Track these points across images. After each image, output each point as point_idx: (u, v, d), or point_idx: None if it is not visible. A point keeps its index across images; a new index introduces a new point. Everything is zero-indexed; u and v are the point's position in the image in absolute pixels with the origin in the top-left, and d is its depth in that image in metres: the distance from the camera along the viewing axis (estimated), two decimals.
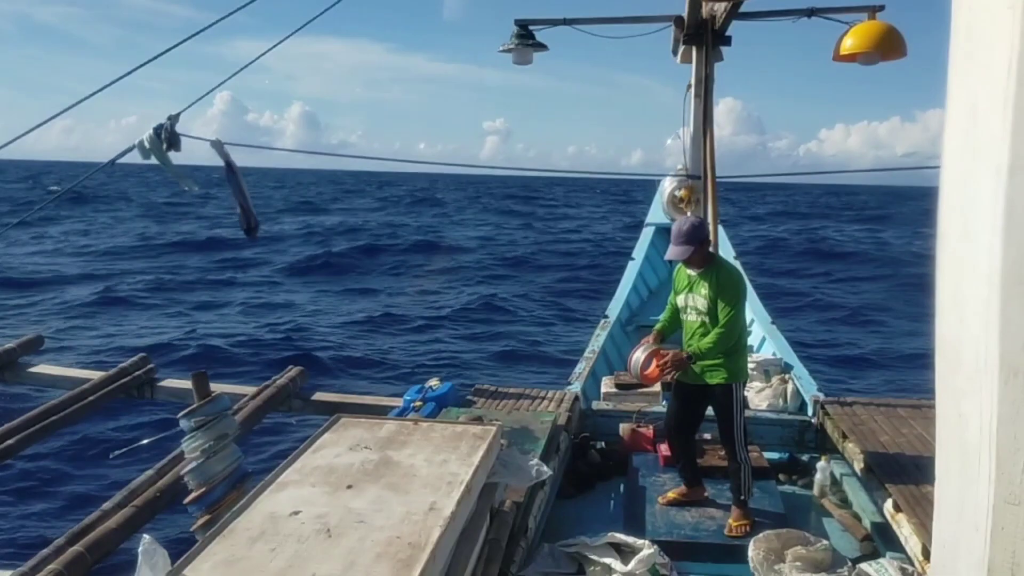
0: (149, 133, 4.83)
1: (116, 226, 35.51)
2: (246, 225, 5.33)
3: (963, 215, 0.90)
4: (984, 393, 0.86)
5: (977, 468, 0.89)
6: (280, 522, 2.84)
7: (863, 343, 14.99)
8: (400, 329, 15.41)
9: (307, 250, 27.55)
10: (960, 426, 0.92)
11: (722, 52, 6.97)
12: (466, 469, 3.25)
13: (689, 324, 4.67)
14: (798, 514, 4.91)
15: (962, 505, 0.93)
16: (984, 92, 0.84)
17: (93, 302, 17.36)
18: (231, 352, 13.00)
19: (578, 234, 36.75)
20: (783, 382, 6.39)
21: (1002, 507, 0.86)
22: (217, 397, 3.94)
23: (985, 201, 0.84)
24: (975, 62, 0.87)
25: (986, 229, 0.84)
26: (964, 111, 0.90)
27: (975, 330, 0.87)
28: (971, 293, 0.88)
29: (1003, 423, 0.84)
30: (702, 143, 7.13)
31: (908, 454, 4.68)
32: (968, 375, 0.90)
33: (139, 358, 6.02)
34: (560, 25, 6.92)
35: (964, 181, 0.90)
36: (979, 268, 0.85)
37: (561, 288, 20.85)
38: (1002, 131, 0.81)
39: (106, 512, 3.89)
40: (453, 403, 5.55)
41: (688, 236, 4.48)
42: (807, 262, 27.31)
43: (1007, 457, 0.85)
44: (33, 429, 4.73)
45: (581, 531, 4.34)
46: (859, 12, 6.10)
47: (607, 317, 8.73)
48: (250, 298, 18.62)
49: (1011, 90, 0.79)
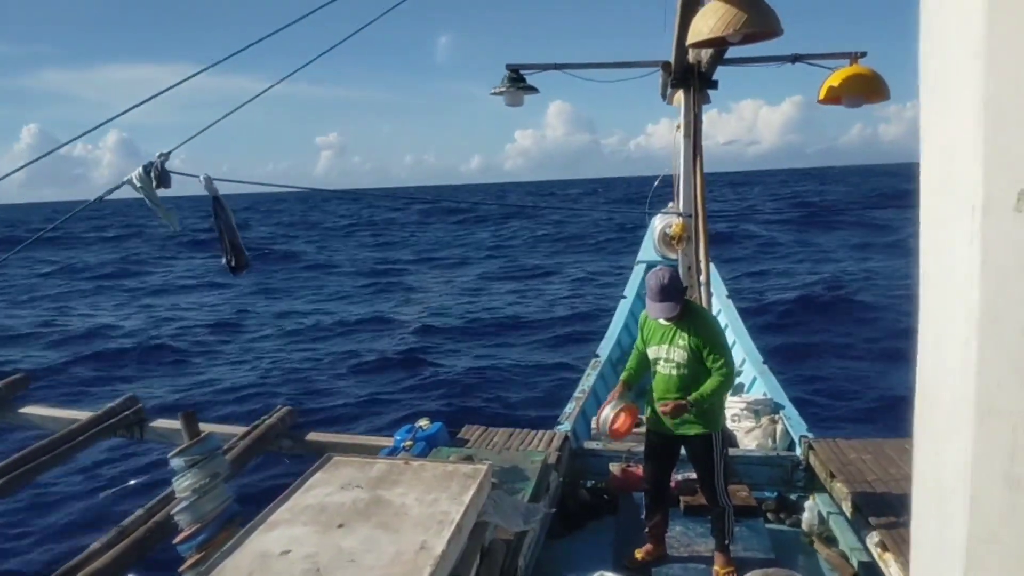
0: (139, 171, 4.83)
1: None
2: (233, 263, 5.28)
3: (941, 255, 0.91)
4: (960, 432, 0.87)
5: (953, 507, 0.90)
6: (270, 561, 2.84)
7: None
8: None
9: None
10: (937, 465, 0.93)
11: (709, 95, 7.11)
12: (457, 508, 3.26)
13: (665, 377, 4.54)
14: (786, 553, 4.91)
15: (940, 544, 0.94)
16: (955, 135, 0.86)
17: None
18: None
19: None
20: (772, 422, 6.43)
21: (978, 546, 0.87)
22: (207, 436, 3.94)
23: (961, 240, 0.85)
24: (944, 107, 0.89)
25: (963, 268, 0.85)
26: (937, 153, 0.92)
27: (953, 369, 0.88)
28: (950, 332, 0.88)
29: (978, 461, 0.85)
30: (692, 181, 7.24)
31: (895, 493, 4.69)
32: (945, 413, 0.91)
33: (127, 398, 6.00)
34: (551, 70, 7.06)
35: (941, 221, 0.91)
36: (957, 307, 0.86)
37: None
38: (974, 172, 0.82)
39: (95, 552, 3.87)
40: (443, 443, 5.55)
41: (671, 291, 4.37)
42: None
43: (982, 496, 0.86)
44: (22, 470, 4.71)
45: (571, 570, 4.34)
46: (842, 58, 6.25)
47: (598, 356, 8.74)
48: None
49: (980, 133, 0.81)
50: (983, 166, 0.82)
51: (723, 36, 4.42)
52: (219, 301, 23.93)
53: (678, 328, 4.48)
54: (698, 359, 4.42)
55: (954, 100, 0.87)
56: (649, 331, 4.67)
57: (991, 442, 0.85)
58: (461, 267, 32.09)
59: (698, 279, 7.26)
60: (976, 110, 0.82)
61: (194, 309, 22.67)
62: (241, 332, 18.82)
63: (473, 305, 22.09)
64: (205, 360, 15.99)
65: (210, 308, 22.75)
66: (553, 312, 20.10)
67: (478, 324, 19.04)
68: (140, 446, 6.31)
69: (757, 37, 4.57)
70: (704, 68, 6.81)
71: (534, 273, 28.78)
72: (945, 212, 0.90)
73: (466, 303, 22.39)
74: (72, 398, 11.54)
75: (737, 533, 4.83)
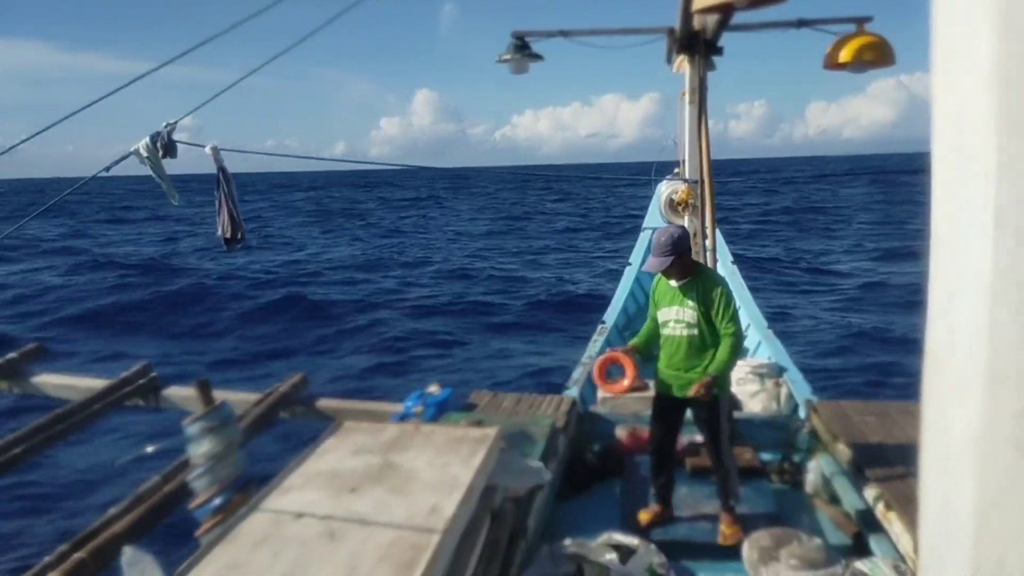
0: (145, 141, 4.82)
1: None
2: (230, 234, 5.26)
3: (953, 221, 0.91)
4: (970, 398, 0.87)
5: (961, 472, 0.90)
6: (284, 526, 2.90)
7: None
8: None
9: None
10: (945, 430, 0.93)
11: (714, 62, 7.07)
12: (467, 471, 3.31)
13: (675, 338, 4.61)
14: (791, 513, 4.99)
15: (946, 508, 0.94)
16: (967, 101, 0.86)
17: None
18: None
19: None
20: (777, 386, 6.49)
21: (986, 511, 0.87)
22: (221, 404, 4.00)
23: (974, 207, 0.85)
24: (957, 72, 0.88)
25: (976, 235, 0.85)
26: (949, 119, 0.91)
27: (964, 335, 0.88)
28: (961, 299, 0.88)
29: (987, 428, 0.85)
30: (698, 148, 7.23)
31: (898, 454, 4.75)
32: (955, 379, 0.91)
33: (142, 366, 6.06)
34: (557, 37, 7.02)
35: (953, 188, 0.91)
36: (969, 274, 0.86)
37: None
38: (987, 138, 0.82)
39: (112, 517, 3.94)
40: (453, 408, 5.62)
41: (669, 247, 4.44)
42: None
43: (990, 461, 0.87)
44: (40, 438, 4.78)
45: (579, 532, 4.41)
46: (848, 23, 6.21)
47: (604, 323, 8.80)
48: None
49: (994, 97, 0.81)
50: (996, 132, 0.82)
51: (730, 1, 4.41)
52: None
53: (686, 289, 4.55)
54: (707, 320, 4.49)
55: (966, 66, 0.86)
56: (660, 294, 4.74)
57: (1002, 410, 0.85)
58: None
59: (703, 244, 7.28)
60: (988, 75, 0.82)
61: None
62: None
63: (479, 272, 22.19)
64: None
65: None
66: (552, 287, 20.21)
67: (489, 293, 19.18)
68: (155, 414, 6.39)
69: (764, 2, 4.55)
70: (710, 35, 6.77)
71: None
72: (957, 179, 0.90)
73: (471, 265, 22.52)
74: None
75: (742, 494, 4.91)
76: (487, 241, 33.16)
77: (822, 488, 5.23)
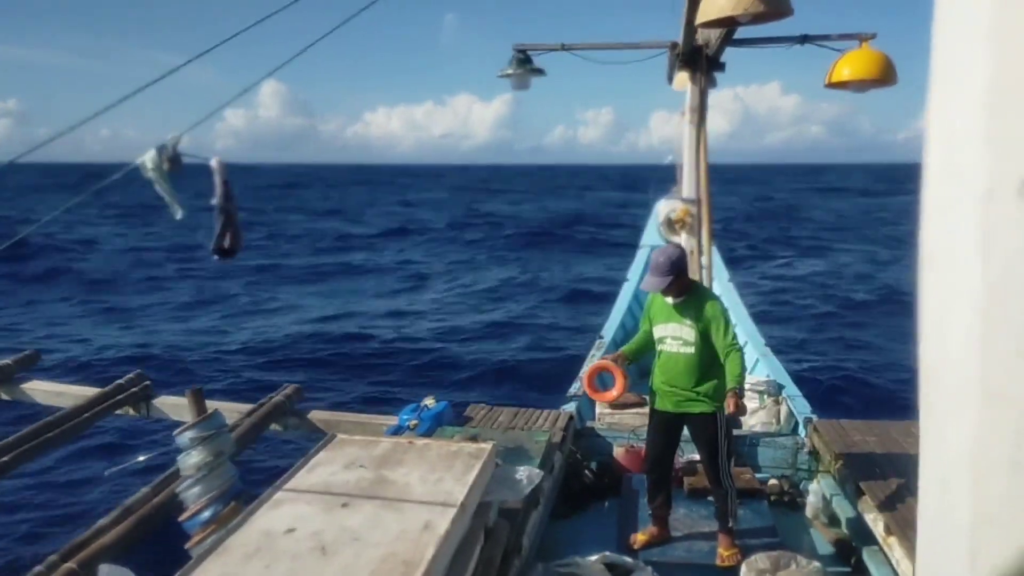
0: (152, 153, 4.82)
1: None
2: (229, 245, 5.22)
3: (944, 240, 0.91)
4: (964, 415, 0.86)
5: (957, 491, 0.89)
6: (275, 539, 2.86)
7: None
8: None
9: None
10: (940, 447, 0.92)
11: (716, 79, 7.06)
12: (461, 488, 3.28)
13: (672, 355, 4.60)
14: (790, 535, 4.93)
15: (943, 525, 0.93)
16: (961, 120, 0.86)
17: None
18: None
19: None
20: (776, 403, 6.43)
21: (982, 530, 0.86)
22: (213, 414, 3.96)
23: (966, 226, 0.85)
24: (953, 91, 0.89)
25: (967, 254, 0.84)
26: (943, 138, 0.91)
27: (957, 354, 0.87)
28: (953, 317, 0.88)
29: (982, 445, 0.84)
30: (696, 167, 7.20)
31: (900, 476, 4.70)
32: (950, 397, 0.90)
33: (135, 374, 6.02)
34: (558, 51, 7.01)
35: (945, 207, 0.91)
36: (961, 293, 0.86)
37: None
38: (980, 157, 0.82)
39: (101, 529, 3.89)
40: (448, 422, 5.57)
41: (667, 268, 4.47)
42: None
43: (986, 481, 0.85)
44: (29, 446, 4.73)
45: (575, 551, 4.35)
46: (851, 40, 6.19)
47: (602, 337, 8.76)
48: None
49: (987, 117, 0.81)
50: (988, 152, 0.81)
51: (733, 16, 4.39)
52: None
53: (685, 307, 4.56)
54: (704, 338, 4.48)
55: (961, 85, 0.86)
56: (656, 310, 4.73)
57: (996, 427, 0.83)
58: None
59: (700, 263, 7.24)
60: (983, 94, 0.82)
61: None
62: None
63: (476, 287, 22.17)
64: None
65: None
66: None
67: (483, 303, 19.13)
68: (147, 423, 6.34)
69: (766, 17, 4.53)
70: (712, 50, 6.76)
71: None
72: (949, 198, 0.90)
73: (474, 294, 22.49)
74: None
75: (741, 515, 4.85)
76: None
77: (822, 510, 5.17)
